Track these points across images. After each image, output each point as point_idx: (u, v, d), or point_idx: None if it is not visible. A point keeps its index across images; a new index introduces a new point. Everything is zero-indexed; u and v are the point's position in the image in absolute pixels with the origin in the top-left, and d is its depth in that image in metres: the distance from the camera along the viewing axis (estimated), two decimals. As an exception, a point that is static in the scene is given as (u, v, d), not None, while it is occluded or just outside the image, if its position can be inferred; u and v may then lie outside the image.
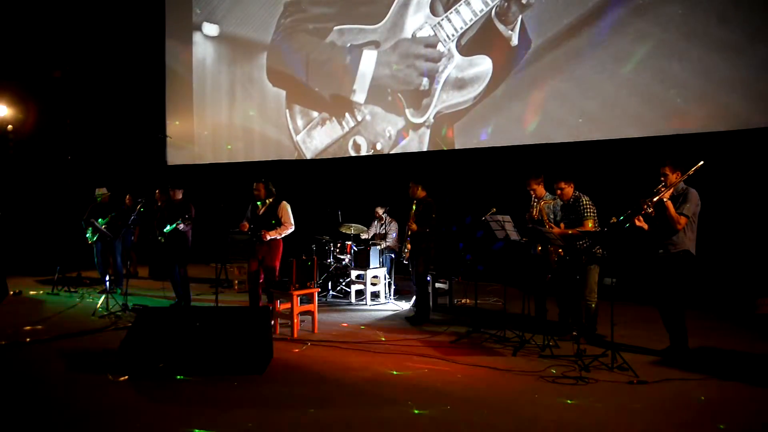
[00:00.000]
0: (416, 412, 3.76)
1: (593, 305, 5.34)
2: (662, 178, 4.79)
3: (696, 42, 7.11)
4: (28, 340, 5.73)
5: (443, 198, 7.76)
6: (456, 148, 9.12)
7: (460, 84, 8.98)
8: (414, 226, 6.58)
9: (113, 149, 12.66)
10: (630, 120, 7.61)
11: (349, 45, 10.07)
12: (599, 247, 5.25)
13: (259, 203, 6.52)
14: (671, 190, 4.76)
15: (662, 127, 7.40)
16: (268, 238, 6.29)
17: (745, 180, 7.04)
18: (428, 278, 6.86)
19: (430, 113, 9.28)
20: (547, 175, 5.93)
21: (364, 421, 3.67)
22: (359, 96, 10.00)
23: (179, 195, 7.27)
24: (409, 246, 6.74)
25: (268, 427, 3.58)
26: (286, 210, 6.43)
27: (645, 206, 4.70)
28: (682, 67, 7.22)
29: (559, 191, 5.53)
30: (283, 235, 6.40)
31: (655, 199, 4.70)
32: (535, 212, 5.74)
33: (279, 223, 6.37)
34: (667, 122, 7.37)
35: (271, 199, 6.49)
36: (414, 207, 6.67)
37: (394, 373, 4.60)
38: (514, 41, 8.39)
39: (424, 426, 3.57)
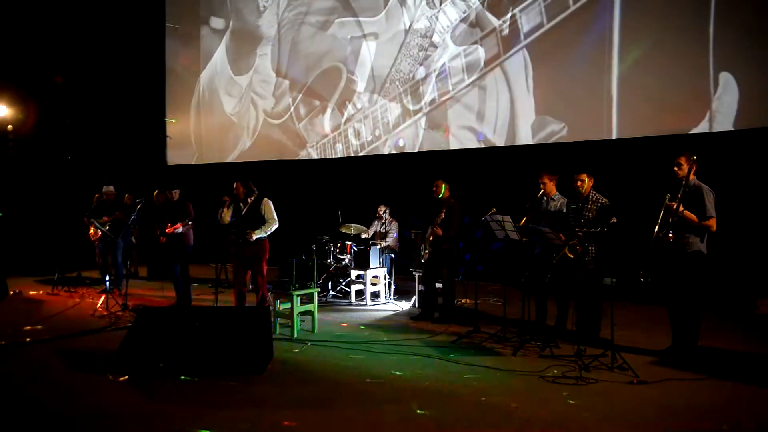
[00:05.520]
0: (416, 412, 3.76)
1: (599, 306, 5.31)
2: (675, 168, 4.80)
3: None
4: (28, 340, 5.73)
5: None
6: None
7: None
8: (439, 231, 6.47)
9: (113, 149, 12.65)
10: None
11: (349, 37, 10.37)
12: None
13: (241, 203, 6.29)
14: (678, 204, 4.65)
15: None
16: (254, 237, 6.07)
17: (745, 180, 7.03)
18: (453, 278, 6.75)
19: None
20: (547, 172, 5.91)
21: (364, 421, 3.67)
22: (359, 85, 10.33)
23: (176, 195, 7.30)
24: (429, 249, 6.65)
25: (268, 427, 3.58)
26: (270, 207, 6.25)
27: (670, 233, 4.60)
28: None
29: (579, 182, 5.41)
30: (268, 233, 6.20)
31: (676, 218, 4.62)
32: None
33: (263, 221, 6.18)
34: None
35: (252, 198, 6.27)
36: (441, 211, 6.53)
37: (395, 373, 4.60)
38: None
39: (424, 426, 3.56)
